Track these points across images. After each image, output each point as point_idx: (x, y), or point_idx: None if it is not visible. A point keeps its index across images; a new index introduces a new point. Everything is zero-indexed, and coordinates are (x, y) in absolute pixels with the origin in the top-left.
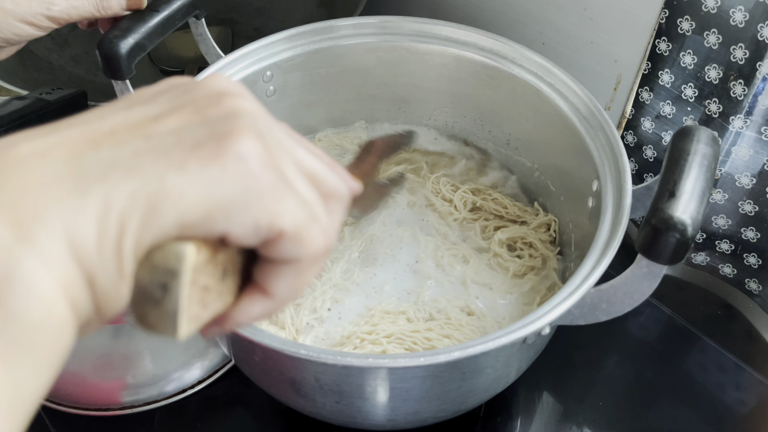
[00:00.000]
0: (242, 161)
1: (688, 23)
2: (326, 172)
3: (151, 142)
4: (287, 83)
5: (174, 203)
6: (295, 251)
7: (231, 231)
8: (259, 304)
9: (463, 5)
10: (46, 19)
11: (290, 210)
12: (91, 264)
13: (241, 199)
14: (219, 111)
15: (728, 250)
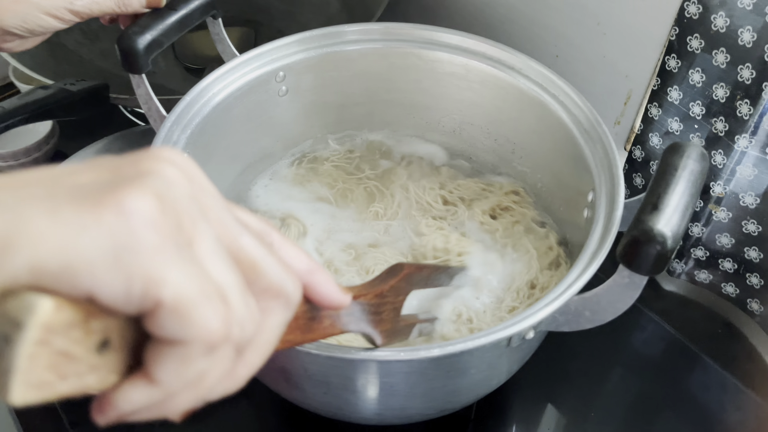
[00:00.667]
0: (123, 214)
1: (697, 41)
2: (269, 263)
3: (50, 189)
4: (300, 84)
5: (30, 244)
6: (177, 330)
7: (97, 291)
8: (142, 390)
9: (479, 16)
10: (69, 12)
11: (175, 278)
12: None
13: (111, 255)
14: (132, 170)
15: (731, 269)
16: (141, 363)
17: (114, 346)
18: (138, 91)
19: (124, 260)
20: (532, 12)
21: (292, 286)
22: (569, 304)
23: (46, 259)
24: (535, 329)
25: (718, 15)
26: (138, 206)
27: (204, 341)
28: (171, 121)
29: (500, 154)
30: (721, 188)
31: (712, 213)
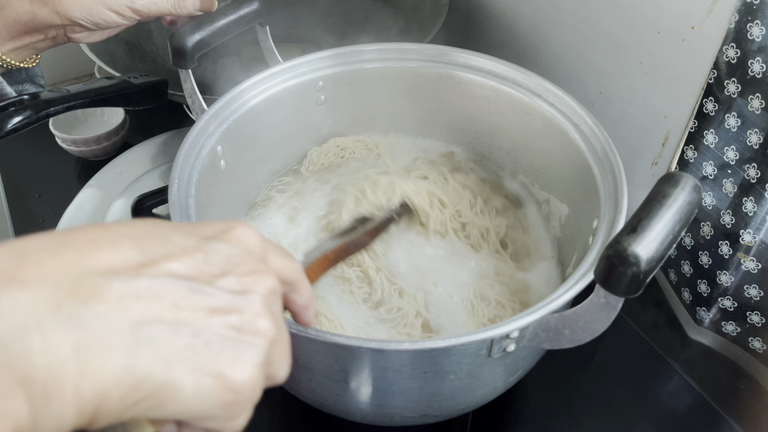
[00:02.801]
0: (236, 393)
1: (734, 86)
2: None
3: (198, 340)
4: (337, 95)
5: (177, 404)
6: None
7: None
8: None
9: (528, 48)
10: (130, 10)
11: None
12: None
13: (222, 415)
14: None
15: (759, 322)
16: None
17: None
18: (185, 85)
19: (230, 418)
20: (578, 48)
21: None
22: (549, 320)
23: (183, 416)
24: (517, 342)
25: (755, 60)
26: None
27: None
28: (209, 115)
29: (523, 181)
30: (751, 237)
31: (741, 262)
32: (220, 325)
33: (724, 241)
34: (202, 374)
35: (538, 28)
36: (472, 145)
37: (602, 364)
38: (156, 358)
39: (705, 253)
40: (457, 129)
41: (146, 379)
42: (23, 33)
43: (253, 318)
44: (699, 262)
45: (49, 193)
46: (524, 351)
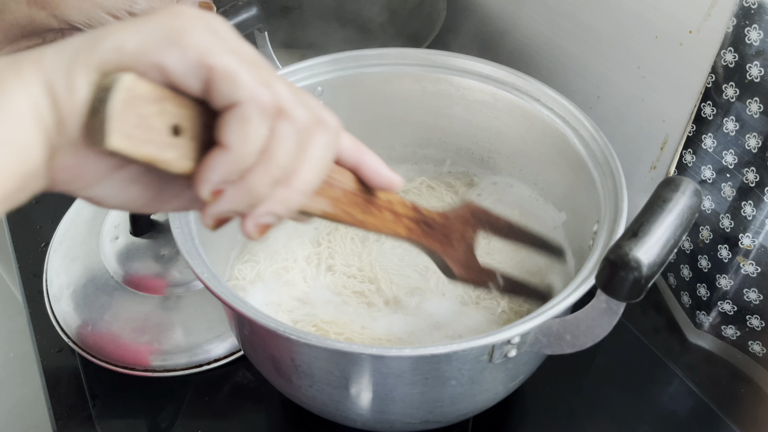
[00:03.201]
0: (177, 14)
1: (732, 90)
2: (308, 97)
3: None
4: (337, 100)
5: (113, 37)
6: (230, 91)
7: (163, 61)
8: (219, 157)
9: (525, 53)
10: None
11: (220, 53)
12: (51, 77)
13: (169, 36)
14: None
15: (759, 326)
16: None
17: (186, 135)
18: None
19: (178, 37)
20: (576, 52)
21: (335, 121)
22: (551, 325)
23: (125, 41)
24: (518, 348)
25: (753, 64)
26: (187, 10)
27: (254, 101)
28: None
29: (525, 183)
30: (750, 240)
31: (741, 266)
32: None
33: (724, 245)
34: (127, 20)
35: (535, 33)
36: (470, 149)
37: (602, 368)
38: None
39: (704, 256)
40: (456, 134)
41: (73, 39)
42: (21, 37)
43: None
44: (698, 266)
45: (46, 199)
46: (525, 356)
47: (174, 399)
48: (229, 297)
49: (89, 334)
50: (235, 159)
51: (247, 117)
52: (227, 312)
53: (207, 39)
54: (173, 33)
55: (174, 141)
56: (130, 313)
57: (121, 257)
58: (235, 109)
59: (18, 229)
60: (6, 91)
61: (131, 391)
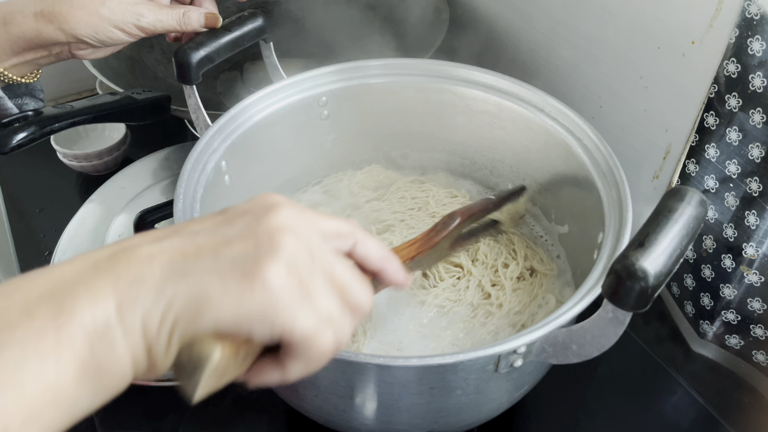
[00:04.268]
0: (266, 288)
1: (735, 100)
2: (355, 286)
3: (215, 263)
4: (341, 110)
5: (213, 310)
6: (304, 353)
7: (253, 335)
8: (275, 374)
9: (528, 63)
10: (136, 27)
11: (303, 322)
12: (152, 339)
13: (261, 315)
14: (267, 244)
15: (762, 335)
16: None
17: (249, 356)
18: (189, 101)
19: (269, 316)
20: (579, 62)
21: (367, 302)
22: (557, 335)
23: (223, 318)
24: (524, 358)
25: (755, 75)
26: (275, 279)
27: (321, 357)
28: (214, 131)
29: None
30: (754, 250)
31: (744, 275)
32: (238, 246)
33: (727, 255)
34: (227, 278)
35: (538, 43)
36: (474, 159)
37: (605, 377)
38: (183, 276)
39: (708, 266)
40: (460, 143)
41: (176, 295)
42: (27, 49)
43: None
44: (702, 276)
45: (50, 209)
46: (531, 366)
47: (176, 409)
48: None
49: None
50: (286, 376)
51: (311, 365)
52: None
53: (295, 304)
54: (267, 310)
55: (238, 364)
56: None
57: None
58: (304, 359)
59: (21, 238)
60: (114, 349)
61: (133, 400)
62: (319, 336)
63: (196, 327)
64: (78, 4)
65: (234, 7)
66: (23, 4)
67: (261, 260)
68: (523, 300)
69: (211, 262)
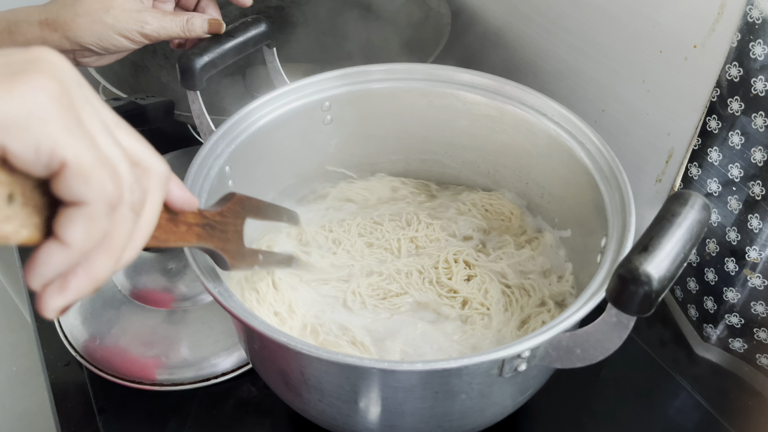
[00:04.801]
0: (31, 90)
1: (737, 104)
2: (142, 148)
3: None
4: (344, 115)
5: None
6: (79, 189)
7: (8, 146)
8: (56, 252)
9: (531, 66)
10: (140, 35)
11: (75, 145)
12: None
13: (23, 120)
14: (26, 56)
15: (766, 339)
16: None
17: (20, 202)
18: (193, 106)
19: (34, 124)
20: (581, 67)
21: (162, 165)
22: (561, 339)
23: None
24: (528, 362)
25: (758, 78)
26: (43, 84)
27: (104, 200)
28: (218, 135)
29: (531, 198)
30: (757, 253)
31: (748, 278)
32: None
33: (730, 258)
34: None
35: (540, 48)
36: (476, 163)
37: (609, 381)
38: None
39: (711, 269)
40: (462, 148)
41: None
42: None
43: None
44: (705, 279)
45: None
46: (535, 370)
47: (180, 413)
48: (239, 311)
49: (97, 348)
50: (72, 254)
51: (94, 217)
52: (236, 326)
53: (65, 124)
54: (27, 116)
55: (8, 211)
56: (137, 327)
57: (128, 271)
58: (82, 209)
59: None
60: None
61: (138, 405)
62: (100, 168)
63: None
64: (82, 12)
65: (237, 13)
66: (28, 13)
67: (26, 68)
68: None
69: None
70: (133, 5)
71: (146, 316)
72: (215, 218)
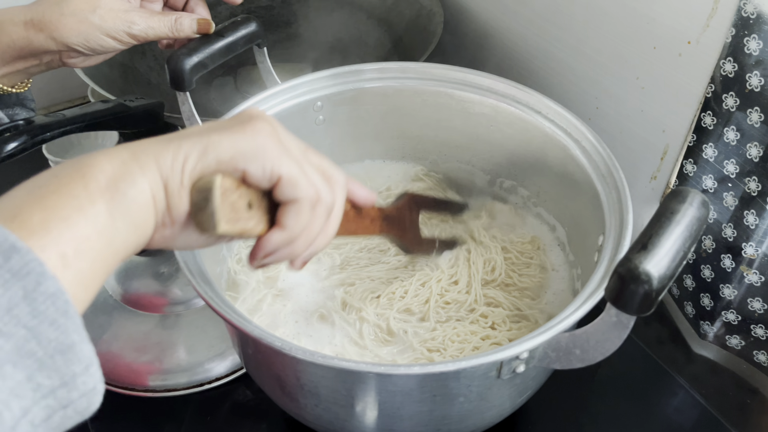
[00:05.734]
0: (256, 131)
1: (732, 99)
2: (328, 165)
3: (217, 125)
4: (336, 115)
5: (214, 149)
6: (292, 192)
7: (248, 170)
8: (278, 233)
9: (524, 65)
10: (127, 35)
11: (287, 165)
12: (166, 174)
13: (254, 152)
14: (248, 113)
15: (763, 335)
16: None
17: (255, 207)
18: (182, 107)
19: (260, 154)
20: (574, 64)
21: (341, 175)
22: (560, 340)
23: (223, 154)
24: (527, 363)
25: (752, 74)
26: (262, 127)
27: (308, 198)
28: None
29: (526, 196)
30: (753, 250)
31: (744, 275)
32: (231, 122)
33: (727, 255)
34: (225, 130)
35: (533, 45)
36: (471, 162)
37: (607, 380)
38: (189, 136)
39: (707, 266)
40: (457, 146)
41: (183, 142)
42: (17, 58)
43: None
44: (701, 276)
45: None
46: (533, 371)
47: (174, 419)
48: (232, 317)
49: None
50: (289, 235)
51: (301, 209)
52: (230, 331)
53: (279, 152)
54: (257, 149)
55: (250, 214)
56: (129, 333)
57: (119, 275)
58: (293, 204)
59: None
60: (134, 183)
61: (131, 411)
62: (304, 179)
63: (202, 163)
64: (68, 12)
65: (227, 12)
66: (13, 13)
67: (252, 118)
68: None
69: (211, 127)
70: (120, 5)
71: (138, 321)
72: (393, 213)
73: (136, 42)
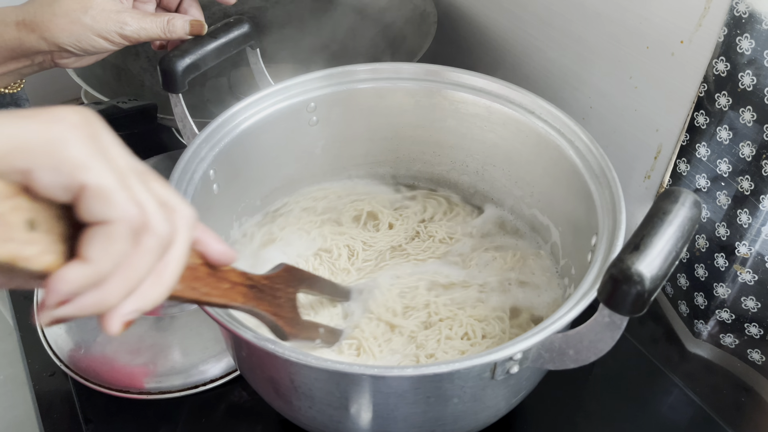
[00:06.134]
0: (55, 119)
1: (725, 99)
2: (172, 195)
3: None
4: (330, 116)
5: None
6: (100, 209)
7: (32, 173)
8: (76, 268)
9: (518, 65)
10: (119, 36)
11: (97, 170)
12: None
13: (45, 146)
14: (61, 106)
15: (757, 334)
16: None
17: (42, 228)
18: (175, 109)
19: (56, 149)
20: (568, 64)
21: (191, 216)
22: (553, 341)
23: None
24: (520, 364)
25: (745, 73)
26: (69, 116)
27: (125, 221)
28: (201, 139)
29: (520, 197)
30: (746, 249)
31: (738, 274)
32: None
33: (720, 254)
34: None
35: (526, 45)
36: (465, 162)
37: (601, 379)
38: None
39: (701, 265)
40: (450, 147)
41: None
42: (9, 59)
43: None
44: (695, 275)
45: None
46: (527, 372)
47: (169, 421)
48: (225, 320)
49: (82, 357)
50: (93, 272)
51: (114, 236)
52: (224, 334)
53: (87, 151)
54: (51, 143)
55: (30, 236)
56: (123, 335)
57: None
58: (103, 227)
59: None
60: None
61: (125, 414)
62: (121, 193)
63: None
64: (60, 12)
65: (220, 14)
66: (4, 14)
67: (59, 107)
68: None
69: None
70: (112, 6)
71: (138, 324)
72: (262, 282)
73: (128, 43)
